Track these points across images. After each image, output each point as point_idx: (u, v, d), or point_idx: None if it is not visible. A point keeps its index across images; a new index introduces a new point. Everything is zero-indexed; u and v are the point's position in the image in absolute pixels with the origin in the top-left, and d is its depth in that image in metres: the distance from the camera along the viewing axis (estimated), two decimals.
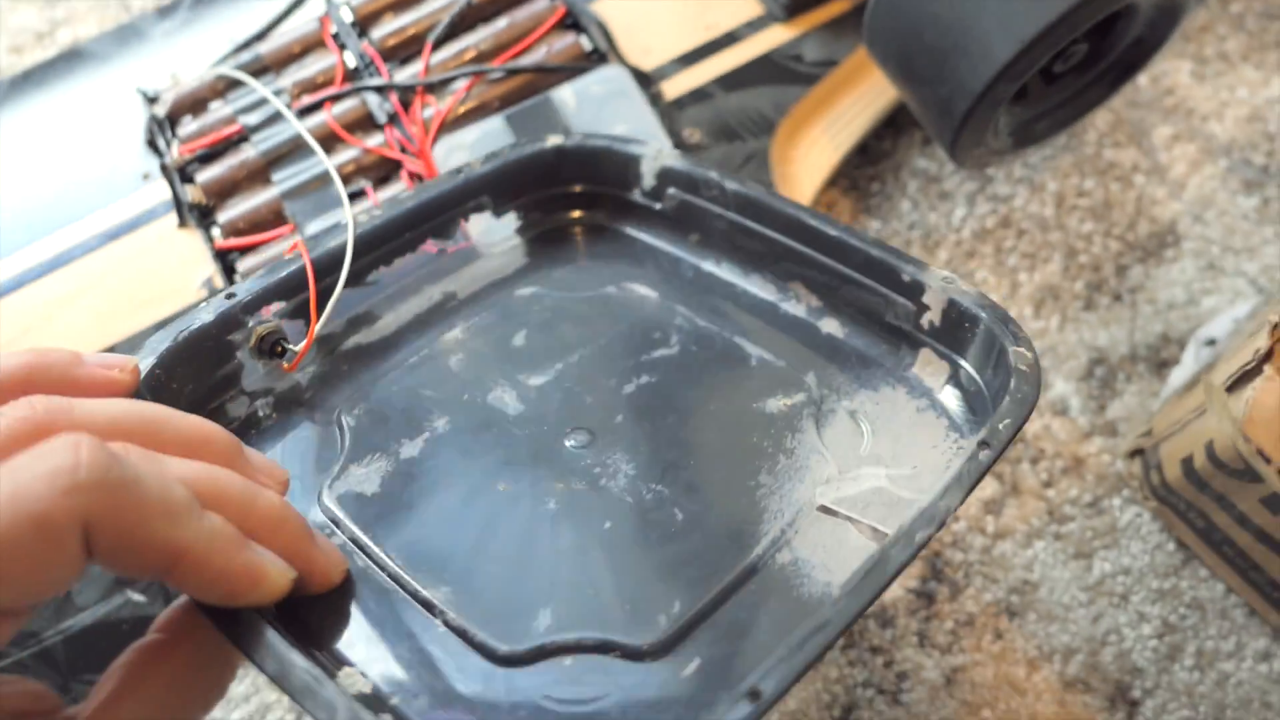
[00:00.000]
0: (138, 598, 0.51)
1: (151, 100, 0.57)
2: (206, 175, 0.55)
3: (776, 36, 0.61)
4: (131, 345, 0.55)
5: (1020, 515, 0.53)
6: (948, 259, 0.59)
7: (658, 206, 0.48)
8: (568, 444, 0.41)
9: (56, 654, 0.50)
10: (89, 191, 0.58)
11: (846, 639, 0.51)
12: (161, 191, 0.58)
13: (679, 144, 0.56)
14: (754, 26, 0.61)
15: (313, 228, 0.53)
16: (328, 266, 0.43)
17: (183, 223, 0.57)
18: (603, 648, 0.36)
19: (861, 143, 0.60)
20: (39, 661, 0.50)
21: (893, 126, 0.62)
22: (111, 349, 0.55)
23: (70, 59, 0.63)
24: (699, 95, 0.59)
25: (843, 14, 0.61)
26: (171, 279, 0.56)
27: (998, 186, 0.60)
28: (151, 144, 0.59)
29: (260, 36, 0.61)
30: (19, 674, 0.50)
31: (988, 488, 0.54)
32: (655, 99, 0.58)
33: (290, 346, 0.42)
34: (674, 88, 0.60)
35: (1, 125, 0.61)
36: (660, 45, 0.61)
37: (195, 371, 0.41)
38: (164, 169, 0.55)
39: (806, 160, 0.59)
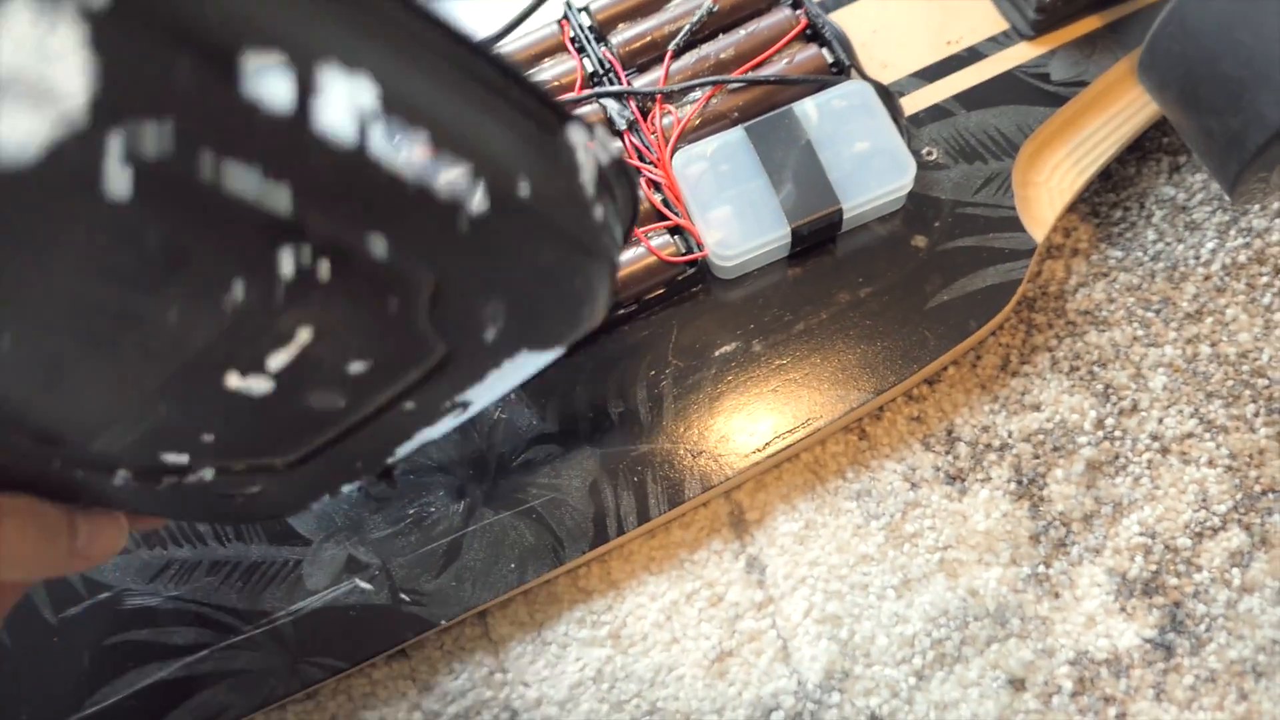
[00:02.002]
0: (365, 585, 0.52)
1: None
2: None
3: (1022, 54, 0.58)
4: None
5: (1270, 570, 0.50)
6: (1195, 294, 0.56)
7: None
8: None
9: (286, 634, 0.52)
10: None
11: (1078, 686, 0.49)
12: None
13: (919, 163, 0.55)
14: (998, 43, 0.59)
15: None
16: None
17: None
18: None
19: (1105, 168, 0.58)
20: (270, 639, 0.52)
21: (1137, 151, 0.60)
22: None
23: None
24: (938, 112, 0.58)
25: (1094, 31, 0.58)
26: None
27: (1252, 219, 0.57)
28: None
29: (497, 39, 0.62)
30: (252, 650, 0.52)
31: (1234, 538, 0.51)
32: (897, 115, 0.56)
33: None
34: (912, 104, 0.58)
35: None
36: (899, 59, 0.59)
37: None
38: None
39: (1049, 184, 0.57)
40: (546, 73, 0.58)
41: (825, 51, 0.56)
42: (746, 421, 0.53)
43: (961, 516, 0.52)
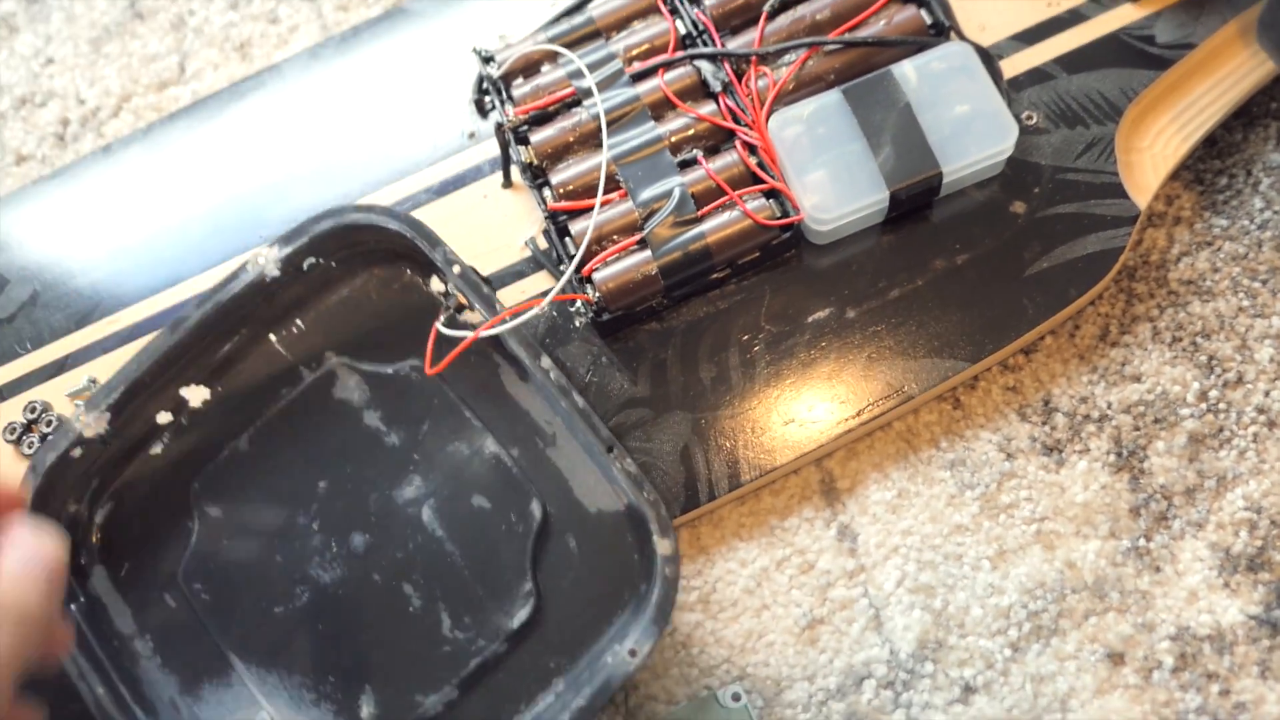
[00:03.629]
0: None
1: (487, 60, 0.58)
2: (540, 137, 0.56)
3: (1126, 15, 0.57)
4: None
5: None
6: None
7: None
8: None
9: None
10: (417, 148, 0.60)
11: (1179, 662, 0.48)
12: (486, 150, 0.60)
13: (1019, 127, 0.53)
14: (1101, 4, 0.57)
15: (645, 194, 0.53)
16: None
17: (507, 182, 0.58)
18: None
19: (1210, 134, 0.56)
20: None
21: (1244, 116, 0.58)
22: None
23: (395, 17, 0.65)
24: (1038, 75, 0.57)
25: None
26: (496, 236, 0.57)
27: None
28: (478, 104, 0.60)
29: (588, 1, 0.61)
30: None
31: None
32: (997, 78, 0.55)
33: None
34: (1012, 67, 0.57)
35: (333, 79, 0.63)
36: (998, 21, 0.58)
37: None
38: (498, 129, 0.56)
39: (1152, 150, 0.55)
40: (638, 35, 0.57)
41: (924, 12, 0.55)
42: (839, 389, 0.53)
43: (1059, 488, 0.52)
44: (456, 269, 0.51)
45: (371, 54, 0.64)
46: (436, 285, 0.53)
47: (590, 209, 0.54)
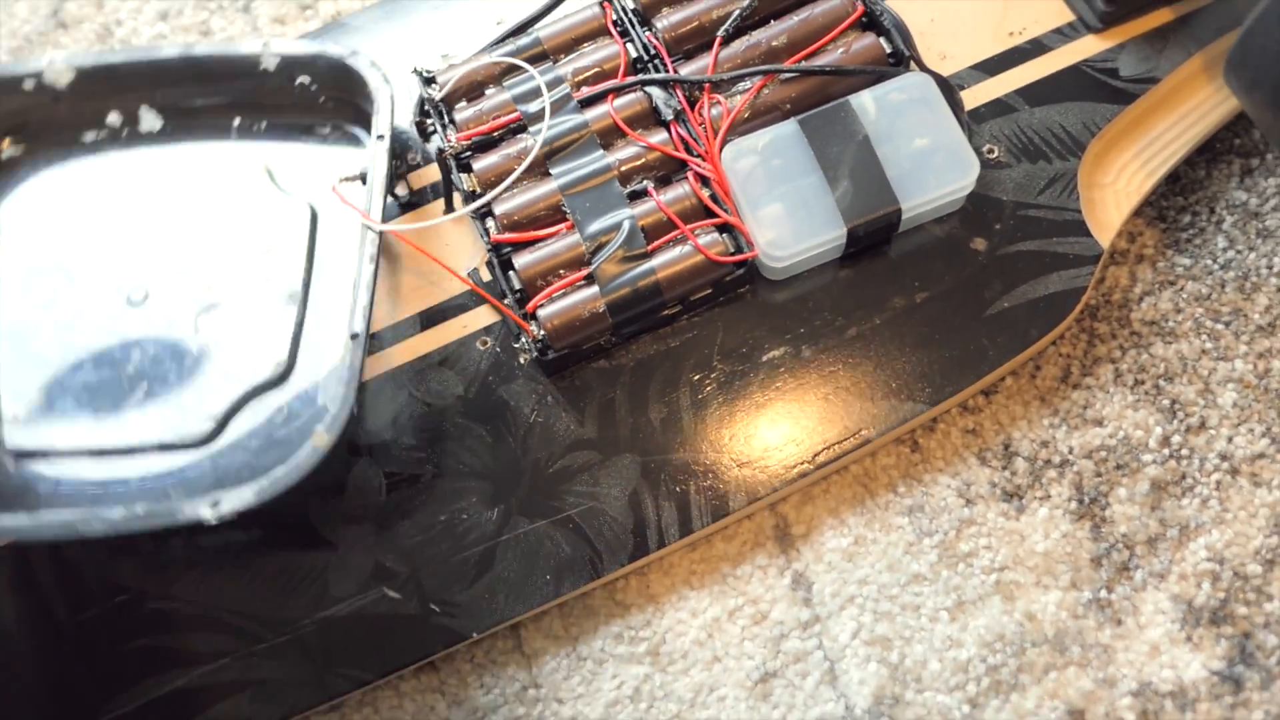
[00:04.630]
0: (393, 594, 0.50)
1: (428, 82, 0.56)
2: (483, 164, 0.53)
3: (1089, 47, 0.55)
4: (395, 333, 0.54)
5: None
6: (1268, 305, 0.53)
7: None
8: None
9: (310, 643, 0.50)
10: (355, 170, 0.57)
11: (1140, 719, 0.47)
12: (427, 175, 0.57)
13: (980, 161, 0.52)
14: (1064, 35, 0.56)
15: (593, 226, 0.51)
16: None
17: (449, 209, 0.56)
18: None
19: (1174, 170, 0.55)
20: (293, 648, 0.50)
21: (1207, 153, 0.57)
22: (375, 335, 0.54)
23: (333, 31, 0.62)
24: (1000, 107, 0.55)
25: (1165, 25, 0.55)
26: (438, 266, 0.54)
27: None
28: (419, 126, 0.57)
29: (536, 20, 0.59)
30: (274, 659, 0.50)
31: None
32: (958, 109, 0.53)
33: None
34: (973, 98, 0.55)
35: None
36: (959, 50, 0.56)
37: None
38: (439, 155, 0.53)
39: (1115, 186, 0.54)
40: (587, 58, 0.55)
41: (883, 41, 0.53)
42: (794, 430, 0.51)
43: (1019, 536, 0.50)
44: (380, 137, 0.51)
45: None
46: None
47: (535, 241, 0.52)
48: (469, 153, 0.54)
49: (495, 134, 0.54)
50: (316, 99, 0.56)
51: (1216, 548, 0.49)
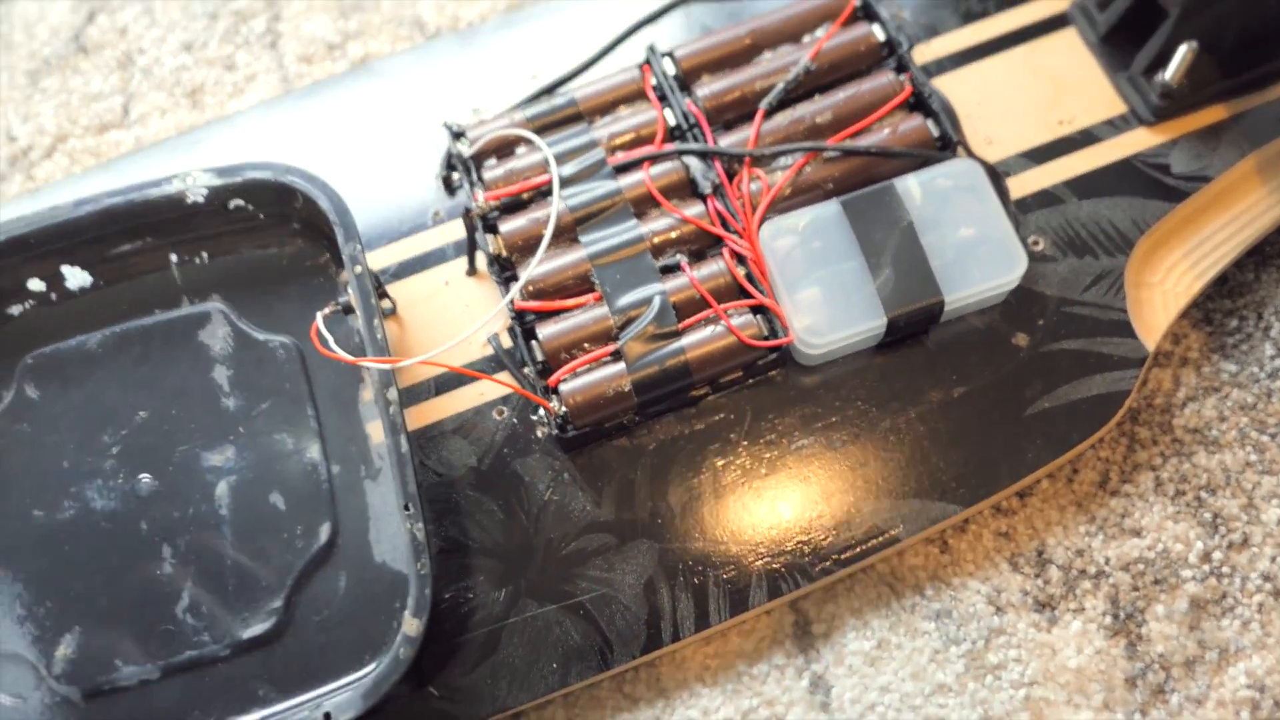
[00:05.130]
0: None
1: (458, 136, 0.54)
2: (510, 227, 0.51)
3: (1141, 140, 0.54)
4: (408, 397, 0.52)
5: None
6: None
7: None
8: None
9: None
10: (375, 222, 0.55)
11: None
12: (450, 232, 0.55)
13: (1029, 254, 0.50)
14: (1115, 126, 0.54)
15: (623, 300, 0.49)
16: None
17: (472, 270, 0.54)
18: None
19: (1223, 272, 0.53)
20: None
21: (1257, 255, 0.55)
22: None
23: (361, 76, 0.60)
24: (1047, 198, 0.53)
25: (1219, 122, 0.54)
26: (456, 328, 0.52)
27: None
28: (446, 181, 0.55)
29: (570, 78, 0.57)
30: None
31: None
32: (1004, 198, 0.52)
33: None
34: (1019, 186, 0.53)
35: (289, 137, 0.58)
36: (1006, 135, 0.54)
37: None
38: (466, 214, 0.51)
39: (1163, 286, 0.52)
40: (623, 122, 0.53)
41: (931, 124, 0.52)
42: (820, 525, 0.48)
43: (1050, 650, 0.48)
44: (358, 269, 0.47)
45: (332, 114, 0.59)
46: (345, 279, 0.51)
47: (561, 311, 0.50)
48: (497, 214, 0.52)
49: (524, 196, 0.52)
50: (256, 218, 0.52)
51: (1257, 674, 0.47)
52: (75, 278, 0.52)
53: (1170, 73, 0.52)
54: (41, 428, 0.51)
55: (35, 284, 0.52)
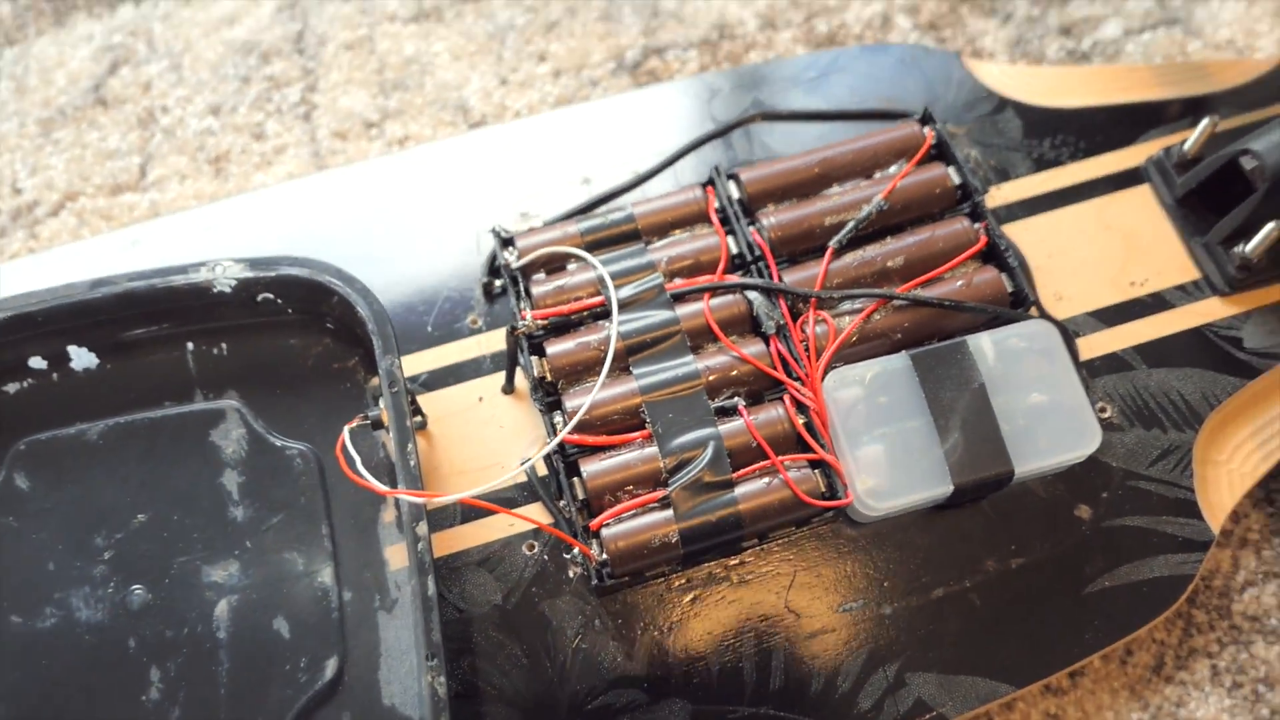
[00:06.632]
0: None
1: (506, 243, 0.51)
2: (558, 349, 0.48)
3: (1213, 310, 0.52)
4: (431, 521, 0.48)
5: None
6: None
7: None
8: None
9: None
10: (406, 325, 0.52)
11: None
12: (488, 342, 0.52)
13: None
14: (1187, 293, 0.52)
15: (675, 441, 0.46)
16: None
17: (510, 389, 0.50)
18: None
19: None
20: None
21: None
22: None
23: (398, 160, 0.57)
24: (1115, 363, 0.51)
25: None
26: (488, 450, 0.49)
27: None
28: (486, 288, 0.52)
29: (626, 190, 0.54)
30: None
31: None
32: (1076, 361, 0.49)
33: None
34: (1088, 348, 0.51)
35: (315, 219, 0.55)
36: (1076, 293, 0.52)
37: None
38: (510, 332, 0.48)
39: (1230, 465, 0.50)
40: (683, 246, 0.50)
41: (1005, 278, 0.50)
42: (866, 694, 0.45)
43: None
44: (394, 388, 0.44)
45: (366, 199, 0.56)
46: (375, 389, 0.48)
47: (606, 447, 0.47)
48: (543, 333, 0.49)
49: (577, 317, 0.49)
50: (284, 313, 0.49)
51: None
52: (81, 359, 0.49)
53: (1253, 247, 0.50)
54: (28, 523, 0.47)
55: (37, 362, 0.49)
